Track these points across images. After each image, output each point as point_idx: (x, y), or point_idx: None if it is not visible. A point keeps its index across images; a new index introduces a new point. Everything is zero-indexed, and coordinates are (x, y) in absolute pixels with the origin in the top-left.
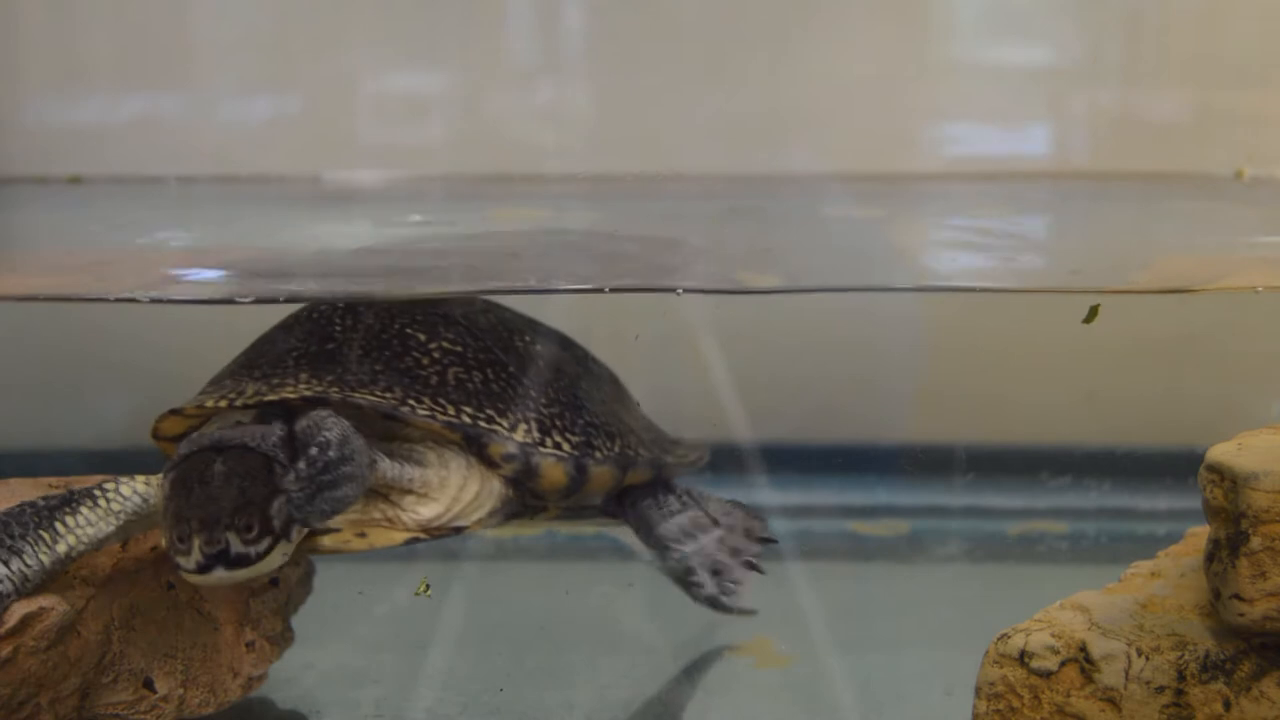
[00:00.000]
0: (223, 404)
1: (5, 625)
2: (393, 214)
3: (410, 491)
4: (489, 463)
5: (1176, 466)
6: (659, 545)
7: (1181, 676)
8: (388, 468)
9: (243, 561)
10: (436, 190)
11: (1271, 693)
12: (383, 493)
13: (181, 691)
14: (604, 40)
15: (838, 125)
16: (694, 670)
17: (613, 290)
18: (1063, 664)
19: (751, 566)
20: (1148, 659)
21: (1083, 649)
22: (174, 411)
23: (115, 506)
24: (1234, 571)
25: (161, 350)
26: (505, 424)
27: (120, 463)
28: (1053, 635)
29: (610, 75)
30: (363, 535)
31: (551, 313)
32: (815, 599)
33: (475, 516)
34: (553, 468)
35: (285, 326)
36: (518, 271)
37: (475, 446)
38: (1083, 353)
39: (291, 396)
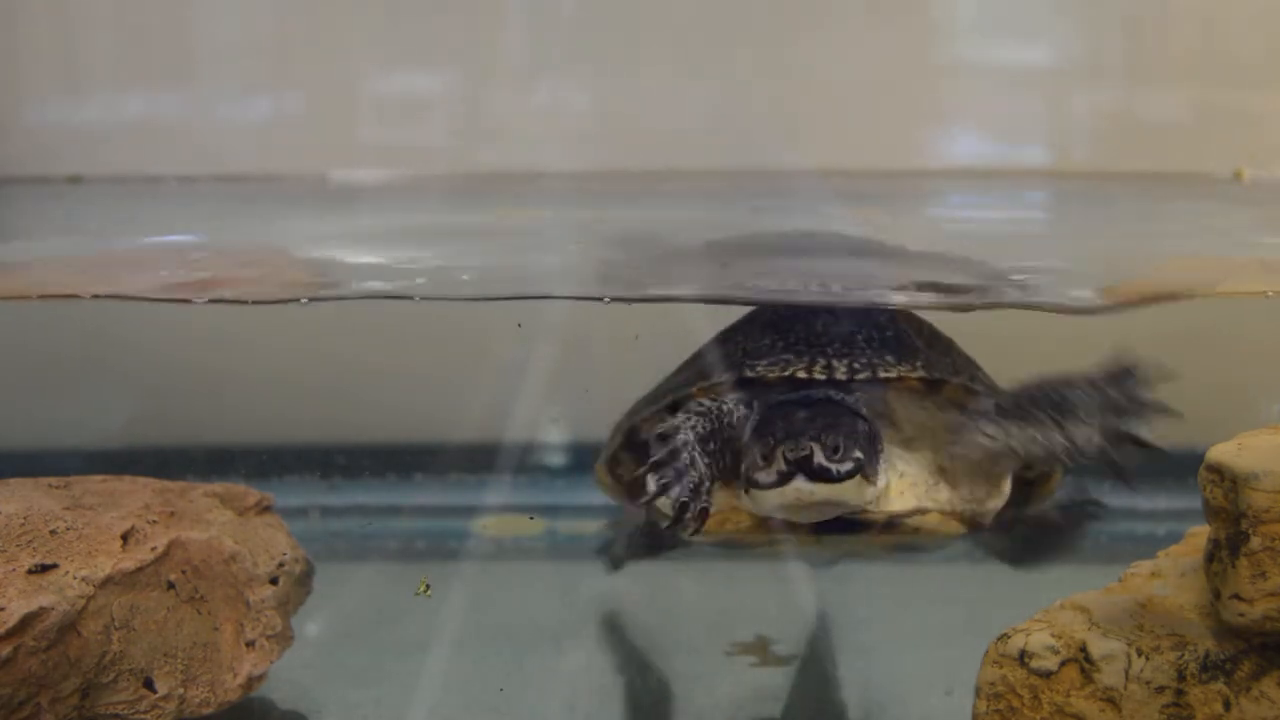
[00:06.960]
0: (822, 375)
1: (5, 625)
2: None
3: None
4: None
5: (1176, 466)
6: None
7: (1181, 676)
8: None
9: (823, 475)
10: (441, 189)
11: (1271, 693)
12: None
13: (181, 691)
14: (602, 40)
15: (836, 124)
16: (694, 670)
17: (613, 300)
18: (1063, 664)
19: None
20: (1148, 659)
21: (1083, 649)
22: (744, 380)
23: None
24: (1234, 571)
25: (163, 351)
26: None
27: (121, 463)
28: (1053, 635)
29: (608, 75)
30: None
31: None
32: (815, 599)
33: None
34: None
35: (764, 325)
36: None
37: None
38: (1082, 352)
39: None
